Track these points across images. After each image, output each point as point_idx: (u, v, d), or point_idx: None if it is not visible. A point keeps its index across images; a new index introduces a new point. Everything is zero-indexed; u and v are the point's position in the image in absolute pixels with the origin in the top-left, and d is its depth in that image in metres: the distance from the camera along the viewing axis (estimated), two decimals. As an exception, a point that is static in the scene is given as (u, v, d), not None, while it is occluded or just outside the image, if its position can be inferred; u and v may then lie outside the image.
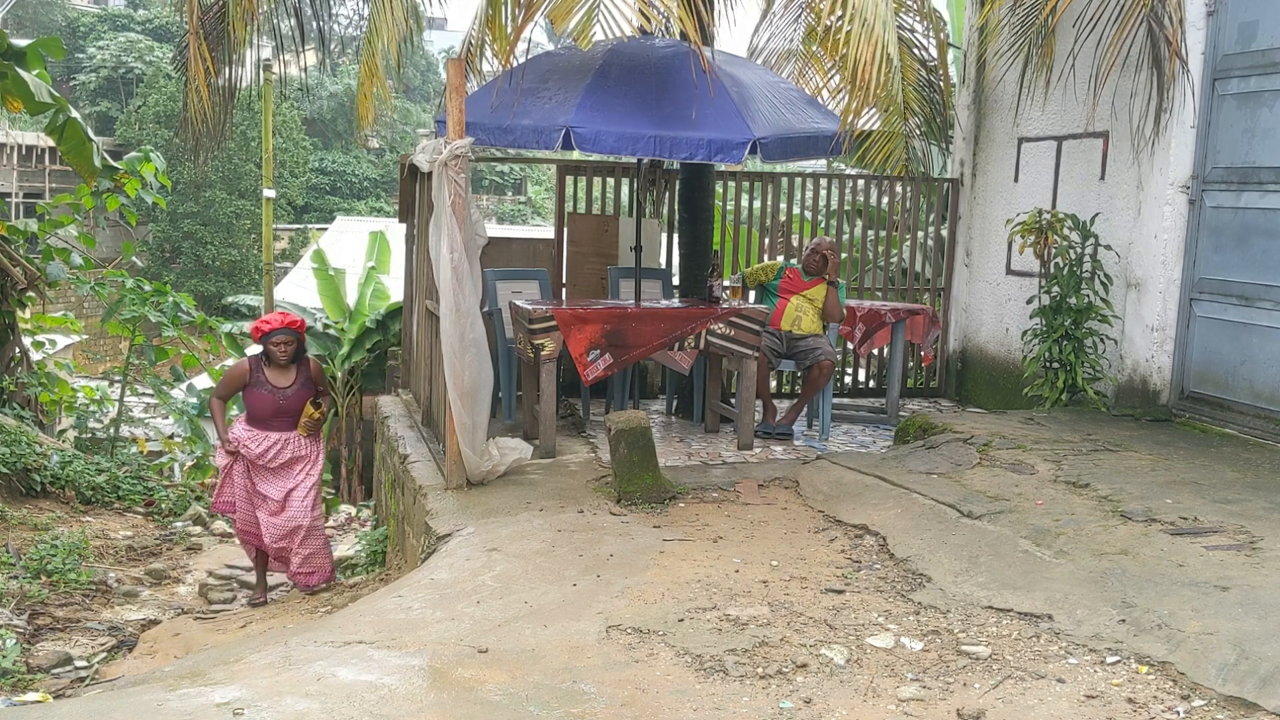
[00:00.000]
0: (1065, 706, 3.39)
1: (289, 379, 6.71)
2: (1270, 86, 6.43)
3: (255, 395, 6.65)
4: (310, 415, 6.73)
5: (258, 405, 6.65)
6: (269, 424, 6.66)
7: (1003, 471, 5.72)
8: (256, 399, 6.65)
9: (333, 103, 40.74)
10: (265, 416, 6.65)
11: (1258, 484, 5.46)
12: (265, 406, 6.64)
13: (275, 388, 6.65)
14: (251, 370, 6.67)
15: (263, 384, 6.65)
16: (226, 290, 30.22)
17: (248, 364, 6.72)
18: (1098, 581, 4.24)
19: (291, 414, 6.70)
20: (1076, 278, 7.23)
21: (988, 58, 8.54)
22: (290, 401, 6.68)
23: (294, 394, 6.69)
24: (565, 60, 7.26)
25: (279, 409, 6.65)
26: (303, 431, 6.72)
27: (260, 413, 6.66)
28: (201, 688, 3.61)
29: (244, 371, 6.69)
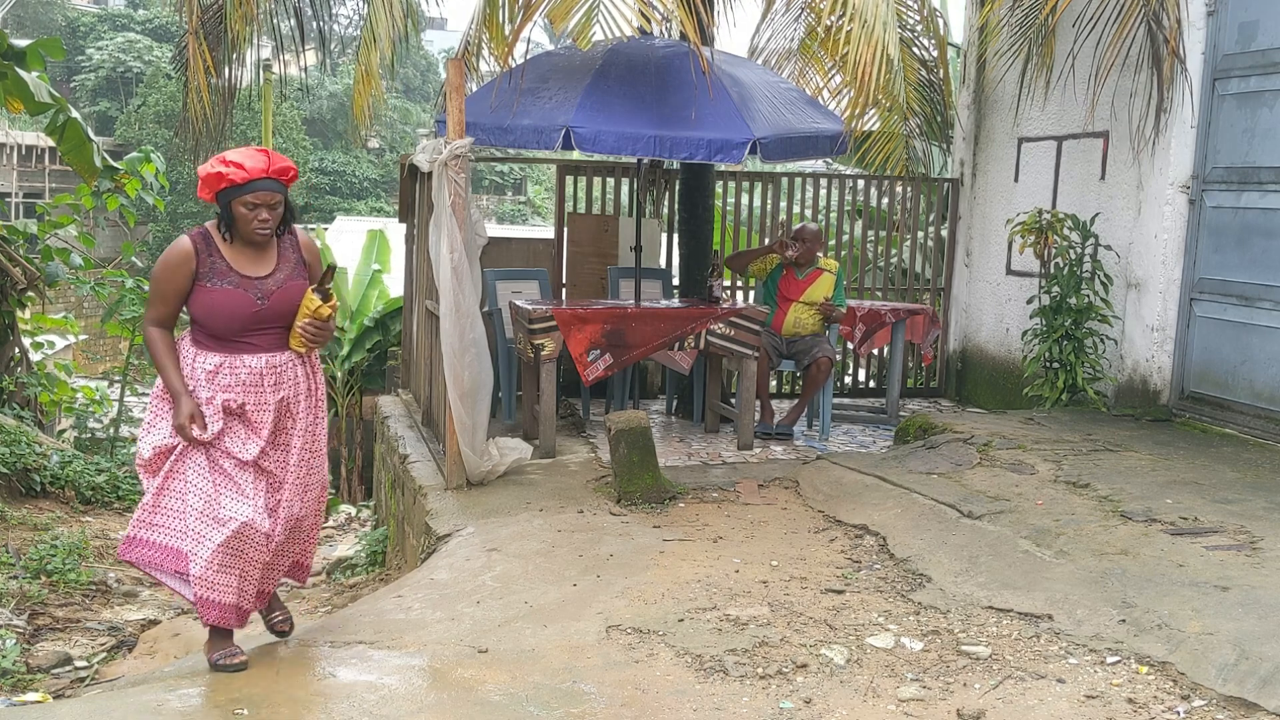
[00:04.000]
0: (1065, 707, 3.39)
1: (268, 263, 3.94)
2: (1270, 86, 6.43)
3: (214, 296, 3.84)
4: (316, 312, 3.94)
5: (221, 312, 3.85)
6: (239, 343, 3.89)
7: (1003, 471, 5.72)
8: (217, 301, 3.84)
9: (332, 103, 40.74)
10: (233, 331, 3.88)
11: (1258, 484, 5.46)
12: (234, 313, 3.85)
13: (246, 279, 3.88)
14: (198, 253, 3.85)
15: (223, 274, 3.86)
16: (226, 290, 30.17)
17: (190, 244, 3.87)
18: (1098, 581, 4.24)
19: (278, 322, 3.95)
20: (1076, 278, 7.23)
21: (988, 57, 8.55)
22: (276, 300, 3.92)
23: (281, 287, 3.94)
24: (565, 60, 7.26)
25: (257, 316, 3.88)
26: (299, 344, 3.97)
27: (225, 325, 3.86)
28: (201, 688, 3.61)
29: (186, 255, 3.84)
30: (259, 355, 3.92)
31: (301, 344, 3.96)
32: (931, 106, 8.64)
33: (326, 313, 3.93)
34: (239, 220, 3.85)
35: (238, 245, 3.91)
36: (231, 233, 3.89)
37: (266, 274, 3.92)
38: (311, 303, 3.93)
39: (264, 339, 3.93)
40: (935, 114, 8.72)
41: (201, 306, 3.87)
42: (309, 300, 3.94)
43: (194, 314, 3.91)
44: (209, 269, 3.85)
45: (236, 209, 3.83)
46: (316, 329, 3.94)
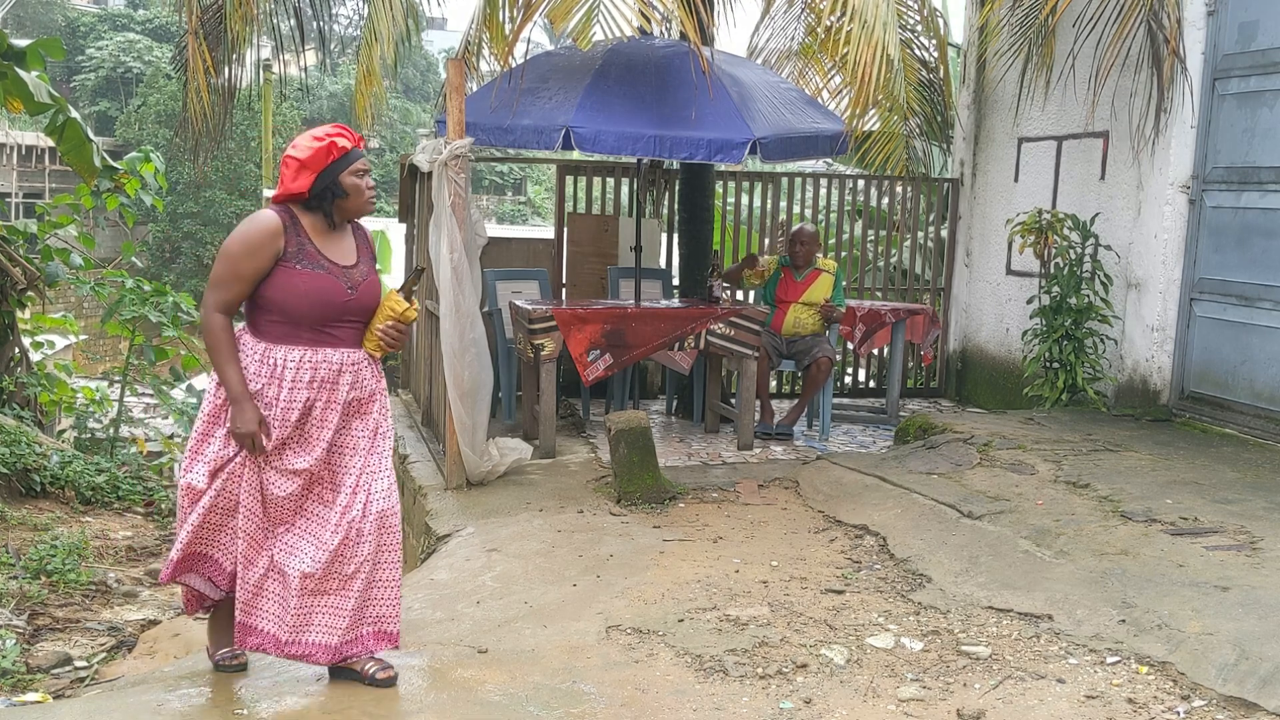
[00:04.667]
0: (1065, 707, 3.39)
1: (351, 253, 3.58)
2: (1270, 86, 6.43)
3: (305, 280, 3.43)
4: (403, 315, 3.62)
5: (312, 299, 3.43)
6: (324, 334, 3.49)
7: (1003, 471, 5.72)
8: (309, 286, 3.43)
9: (333, 103, 40.72)
10: (320, 321, 3.47)
11: (1258, 484, 5.46)
12: (327, 300, 3.46)
13: (335, 265, 3.50)
14: (286, 230, 3.44)
15: (312, 257, 3.46)
16: (226, 290, 30.17)
17: (278, 218, 3.44)
18: (1098, 582, 4.24)
19: (362, 316, 3.59)
20: (1076, 278, 7.23)
21: (988, 57, 8.55)
22: (363, 293, 3.56)
23: (366, 279, 3.59)
24: (565, 60, 7.26)
25: (346, 306, 3.51)
26: (376, 347, 3.63)
27: (313, 313, 3.45)
28: (201, 688, 3.61)
29: (275, 231, 3.41)
30: (340, 350, 3.52)
31: (378, 347, 3.62)
32: (932, 106, 8.64)
33: (413, 315, 3.64)
34: (350, 193, 3.48)
35: (321, 230, 3.51)
36: (332, 213, 3.50)
37: (352, 264, 3.56)
38: (398, 304, 3.61)
39: (346, 333, 3.55)
40: (935, 114, 8.72)
41: (287, 291, 3.41)
42: (394, 301, 3.61)
43: (273, 299, 3.42)
44: (297, 249, 3.44)
45: (346, 180, 3.46)
46: (399, 333, 3.61)
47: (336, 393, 3.51)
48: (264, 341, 3.47)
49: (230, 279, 3.40)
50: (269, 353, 3.46)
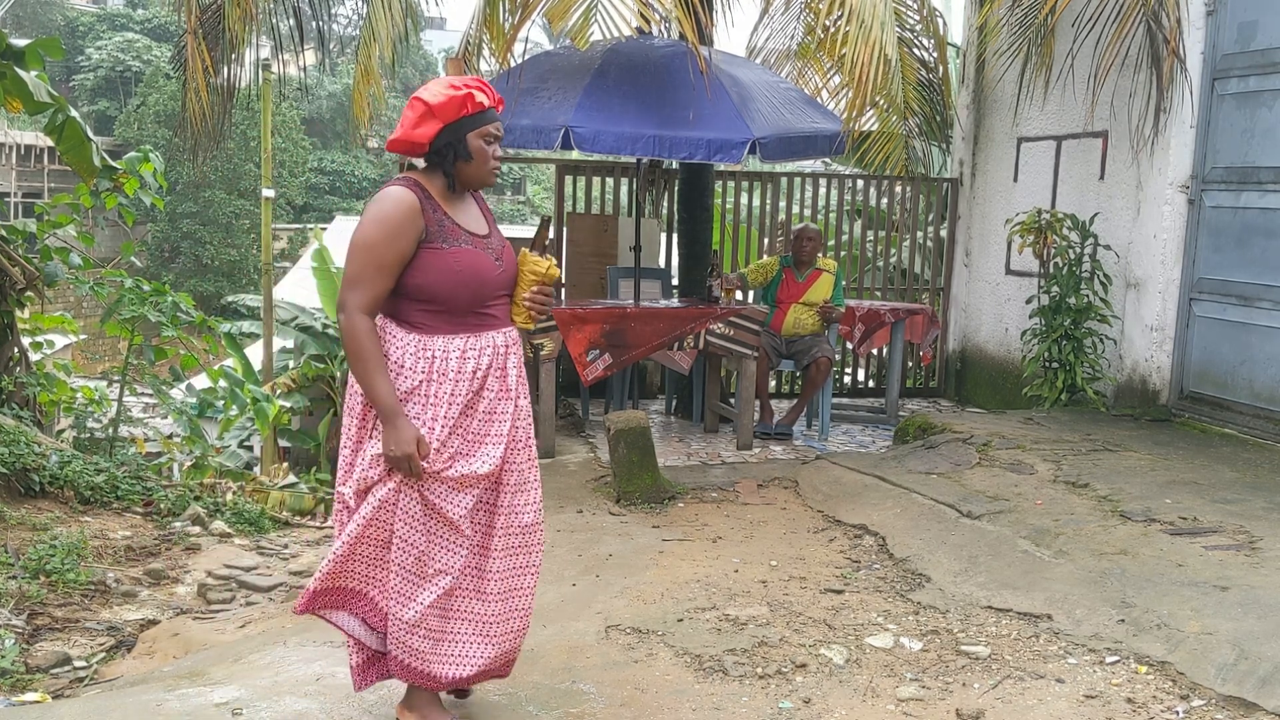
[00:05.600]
0: (1064, 706, 3.39)
1: (481, 219, 3.17)
2: (1269, 86, 6.43)
3: (456, 259, 3.00)
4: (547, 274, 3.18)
5: (468, 279, 3.02)
6: (484, 315, 3.09)
7: (1002, 471, 5.72)
8: (462, 265, 3.01)
9: (332, 102, 40.70)
10: (476, 303, 3.06)
11: (1257, 484, 5.46)
12: (482, 279, 3.05)
13: (475, 237, 3.09)
14: (424, 208, 2.99)
15: (452, 233, 3.03)
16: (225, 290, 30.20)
17: (413, 195, 2.98)
18: (1097, 581, 4.24)
19: (508, 288, 3.16)
20: (1076, 277, 7.23)
21: (987, 57, 8.55)
22: (508, 262, 3.16)
23: (505, 247, 3.19)
24: (564, 60, 7.26)
25: (498, 281, 3.11)
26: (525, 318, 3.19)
27: (470, 295, 3.04)
28: (201, 688, 3.61)
29: (414, 210, 2.96)
30: (500, 330, 3.11)
31: (528, 318, 3.17)
32: (931, 106, 8.64)
33: (556, 273, 3.18)
34: (475, 157, 3.02)
35: (448, 198, 3.05)
36: (453, 176, 3.04)
37: (487, 233, 3.12)
38: (539, 265, 3.15)
39: (501, 309, 3.13)
40: (934, 114, 8.72)
41: (437, 274, 2.97)
42: (535, 263, 3.15)
43: (422, 286, 2.98)
44: (438, 227, 2.99)
45: (473, 142, 3.01)
46: (547, 296, 3.18)
47: (508, 379, 3.10)
48: (418, 333, 3.00)
49: (372, 274, 2.93)
50: (425, 345, 2.99)
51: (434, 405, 2.99)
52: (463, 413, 3.02)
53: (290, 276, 23.27)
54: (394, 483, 2.98)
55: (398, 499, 2.99)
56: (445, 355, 2.99)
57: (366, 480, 3.00)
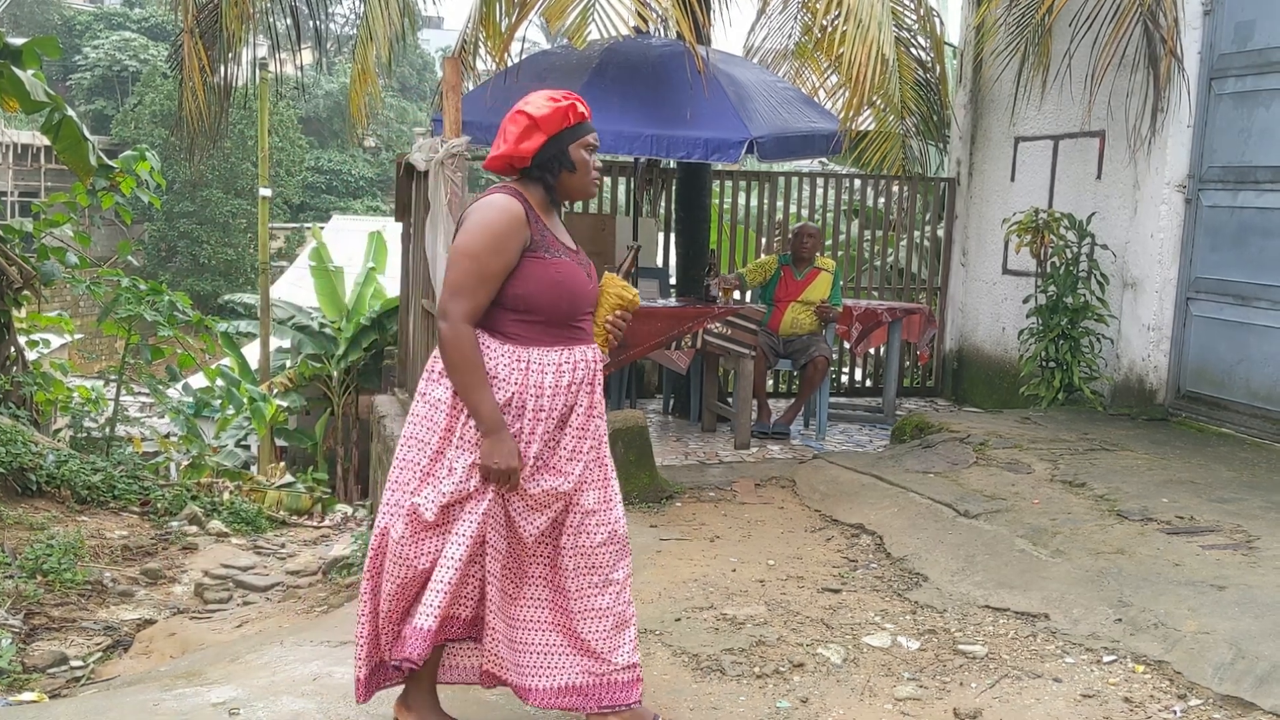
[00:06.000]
0: (1062, 706, 3.39)
1: (568, 235, 3.14)
2: (1267, 86, 6.44)
3: (559, 270, 2.99)
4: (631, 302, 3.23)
5: (568, 291, 3.00)
6: (577, 329, 3.07)
7: (999, 471, 5.72)
8: (565, 277, 2.99)
9: (329, 101, 40.68)
10: (574, 316, 3.04)
11: (1254, 483, 5.47)
12: (580, 292, 3.04)
13: (570, 250, 3.08)
14: (528, 217, 2.96)
15: (552, 245, 3.01)
16: (222, 289, 30.18)
17: (519, 203, 2.95)
18: (1094, 581, 4.24)
19: (594, 307, 3.16)
20: (1073, 277, 7.24)
21: (984, 57, 8.55)
22: (594, 281, 3.17)
23: (591, 264, 3.21)
24: (561, 59, 7.26)
25: (589, 296, 3.10)
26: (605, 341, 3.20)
27: (569, 307, 3.02)
28: (198, 687, 3.60)
29: (520, 218, 2.93)
30: (590, 345, 3.09)
31: (606, 341, 3.17)
32: (928, 106, 8.65)
33: (638, 303, 3.24)
34: (578, 168, 3.01)
35: (545, 210, 3.03)
36: (555, 188, 3.02)
37: (576, 249, 3.10)
38: (626, 290, 3.18)
39: (589, 325, 3.11)
40: (932, 113, 8.73)
41: (540, 284, 2.93)
42: (622, 287, 3.18)
43: (524, 296, 2.93)
44: (540, 236, 2.96)
45: (576, 153, 3.00)
46: (626, 322, 3.21)
47: (595, 394, 3.07)
48: (512, 344, 2.95)
49: (478, 282, 2.89)
50: (520, 356, 2.94)
51: (528, 418, 2.94)
52: (555, 428, 2.99)
53: (287, 276, 23.26)
54: (491, 494, 2.90)
55: (494, 510, 2.93)
56: (541, 368, 2.95)
57: (462, 492, 2.89)
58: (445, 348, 2.89)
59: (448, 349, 2.88)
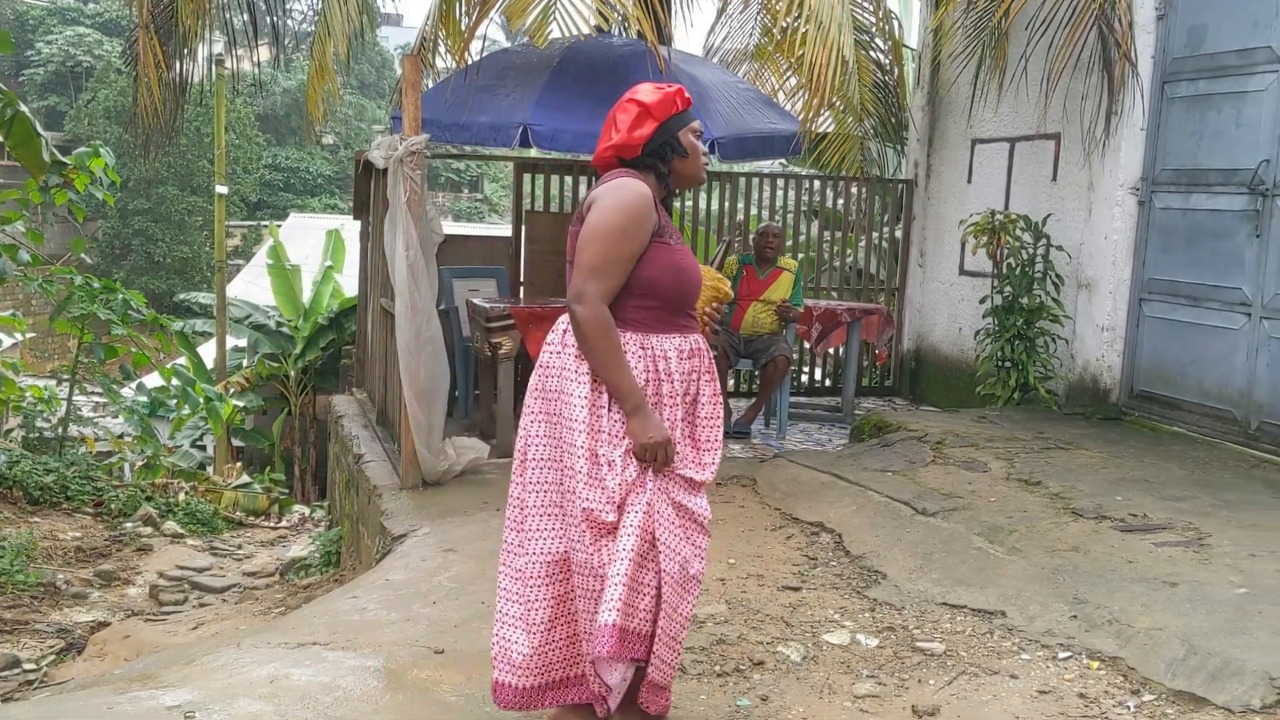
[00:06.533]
0: (1018, 702, 3.43)
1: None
2: (1219, 90, 6.54)
3: (681, 256, 3.00)
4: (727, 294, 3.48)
5: (689, 277, 3.02)
6: (691, 320, 3.07)
7: (956, 469, 5.77)
8: (685, 263, 3.01)
9: (286, 98, 40.30)
10: (691, 301, 3.05)
11: (1206, 481, 5.55)
12: (695, 279, 3.05)
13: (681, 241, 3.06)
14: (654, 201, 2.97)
15: (671, 230, 3.01)
16: (178, 288, 29.82)
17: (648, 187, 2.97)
18: (1050, 578, 4.29)
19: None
20: (1028, 278, 7.31)
21: (942, 59, 8.62)
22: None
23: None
24: (522, 58, 7.24)
25: (699, 282, 3.11)
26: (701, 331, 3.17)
27: (689, 293, 3.03)
28: (153, 690, 3.56)
29: (650, 202, 2.93)
30: (699, 334, 3.08)
31: (702, 330, 3.17)
32: (886, 108, 8.71)
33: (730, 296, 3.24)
34: (690, 153, 3.04)
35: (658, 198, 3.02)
36: (667, 175, 3.04)
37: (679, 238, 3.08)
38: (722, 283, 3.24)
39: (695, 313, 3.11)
40: (890, 115, 8.79)
41: (664, 270, 2.92)
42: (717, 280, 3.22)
43: (650, 281, 2.91)
44: (664, 223, 2.96)
45: (686, 139, 3.03)
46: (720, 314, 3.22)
47: (715, 383, 3.05)
48: (634, 331, 2.92)
49: (614, 262, 2.86)
50: (645, 343, 2.92)
51: (662, 406, 2.92)
52: (685, 416, 2.98)
53: (244, 274, 23.03)
54: (652, 484, 2.86)
55: (656, 502, 2.86)
56: (665, 354, 2.94)
57: (626, 483, 2.84)
58: (585, 328, 2.84)
59: (589, 329, 2.83)
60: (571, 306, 2.88)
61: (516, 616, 2.98)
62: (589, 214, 2.90)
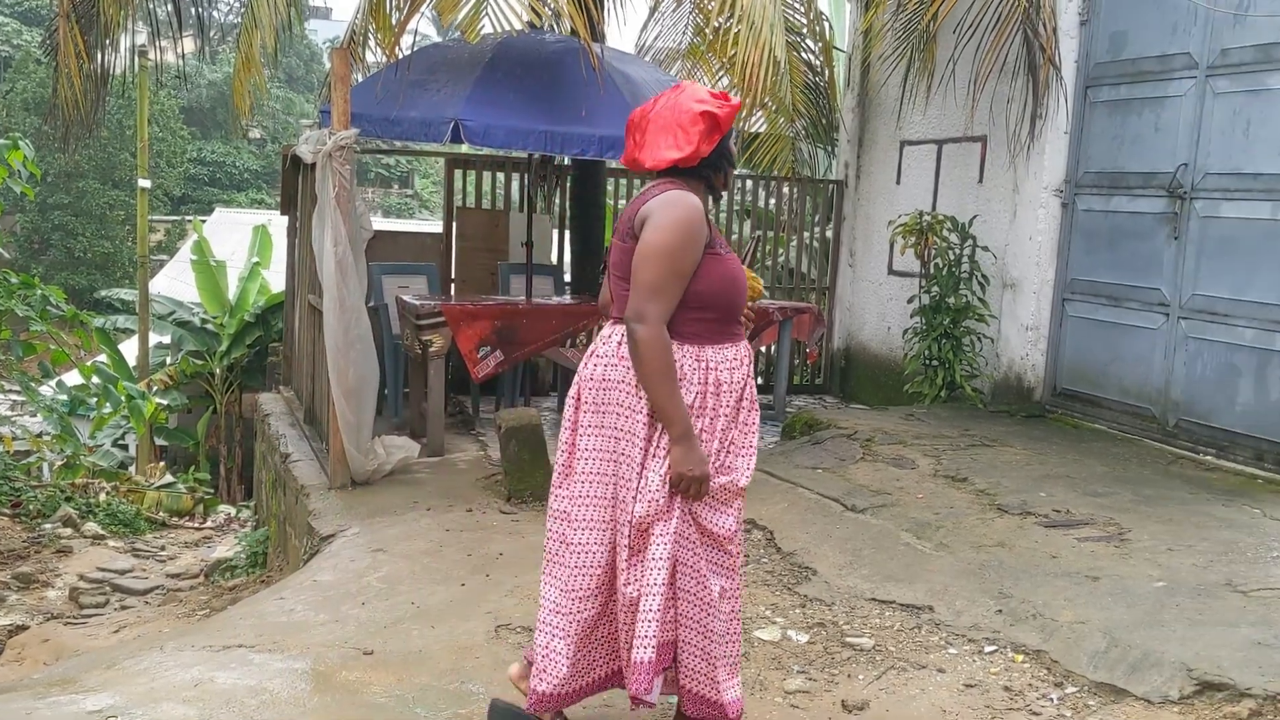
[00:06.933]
0: (945, 696, 3.48)
1: None
2: (1139, 94, 6.69)
3: (732, 265, 2.99)
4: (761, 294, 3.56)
5: (740, 285, 3.01)
6: (739, 328, 3.06)
7: (885, 466, 5.84)
8: (736, 272, 3.01)
9: (212, 91, 39.59)
10: (740, 309, 3.04)
11: (1125, 477, 5.68)
12: (742, 289, 3.03)
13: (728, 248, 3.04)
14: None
15: (721, 241, 3.00)
16: (99, 284, 29.14)
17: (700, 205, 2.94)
18: (976, 573, 4.36)
19: None
20: (955, 278, 7.42)
21: (872, 62, 8.71)
22: None
23: None
24: (454, 53, 7.18)
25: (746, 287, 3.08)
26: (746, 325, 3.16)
27: (739, 302, 3.02)
28: (73, 695, 3.48)
29: (703, 215, 2.91)
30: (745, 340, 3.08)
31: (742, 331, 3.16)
32: (817, 109, 8.78)
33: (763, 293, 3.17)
34: (729, 166, 3.05)
35: None
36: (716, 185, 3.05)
37: None
38: (756, 281, 3.24)
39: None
40: (821, 116, 8.86)
41: (717, 281, 2.91)
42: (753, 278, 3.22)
43: (704, 293, 2.89)
44: (714, 233, 2.95)
45: (730, 148, 3.03)
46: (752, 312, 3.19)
47: (752, 388, 3.04)
48: (690, 344, 2.89)
49: (674, 280, 2.82)
50: (699, 355, 2.90)
51: (709, 417, 2.91)
52: (726, 424, 2.95)
53: (167, 270, 22.58)
54: (678, 510, 2.86)
55: (683, 529, 2.88)
56: (718, 366, 2.92)
57: (655, 507, 2.83)
58: (647, 352, 2.80)
59: (651, 353, 2.79)
60: (631, 326, 2.82)
61: (559, 627, 2.98)
62: (645, 232, 2.84)
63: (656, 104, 2.98)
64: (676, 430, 2.81)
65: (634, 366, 2.84)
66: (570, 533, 2.96)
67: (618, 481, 2.91)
